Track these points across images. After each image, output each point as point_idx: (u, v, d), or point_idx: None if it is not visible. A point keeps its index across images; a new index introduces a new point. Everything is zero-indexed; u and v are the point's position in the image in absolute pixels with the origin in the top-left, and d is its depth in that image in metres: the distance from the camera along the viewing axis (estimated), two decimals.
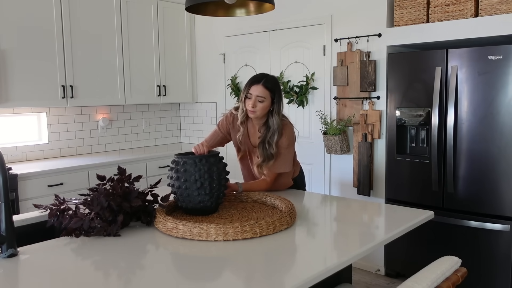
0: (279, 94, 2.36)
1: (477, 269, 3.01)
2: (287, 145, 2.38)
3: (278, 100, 2.35)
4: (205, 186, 1.90)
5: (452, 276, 1.37)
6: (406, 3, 3.26)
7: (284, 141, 2.36)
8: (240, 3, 2.22)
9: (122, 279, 1.36)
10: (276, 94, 2.34)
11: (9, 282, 1.36)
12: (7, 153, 3.77)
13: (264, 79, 2.33)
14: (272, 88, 2.32)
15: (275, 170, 2.38)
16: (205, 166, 1.90)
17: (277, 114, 2.35)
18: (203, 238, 1.66)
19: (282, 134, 2.35)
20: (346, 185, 3.76)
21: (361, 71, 3.53)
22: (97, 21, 4.00)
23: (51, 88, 3.71)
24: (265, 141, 2.34)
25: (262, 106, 2.31)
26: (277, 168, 2.38)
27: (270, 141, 2.33)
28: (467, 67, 2.95)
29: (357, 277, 3.50)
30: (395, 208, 2.18)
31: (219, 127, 2.54)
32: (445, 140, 3.09)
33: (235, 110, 2.49)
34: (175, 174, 1.92)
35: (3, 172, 1.50)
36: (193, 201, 1.91)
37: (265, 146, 2.34)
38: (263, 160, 2.34)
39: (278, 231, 1.76)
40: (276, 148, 2.33)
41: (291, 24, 4.00)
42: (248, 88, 2.33)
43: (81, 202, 1.84)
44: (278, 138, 2.33)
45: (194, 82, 4.91)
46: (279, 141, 2.35)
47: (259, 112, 2.32)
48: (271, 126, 2.34)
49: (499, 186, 2.89)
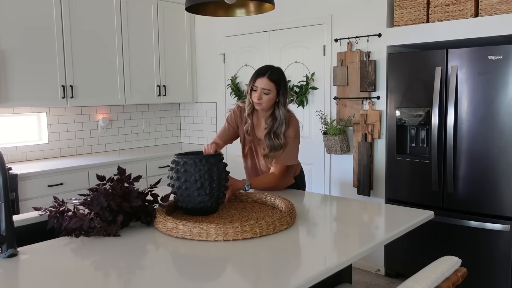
0: (285, 86, 2.37)
1: (477, 269, 3.01)
2: (294, 135, 2.39)
3: (284, 92, 2.36)
4: (205, 186, 1.89)
5: (452, 276, 1.37)
6: (406, 3, 3.26)
7: (291, 131, 2.38)
8: (240, 3, 2.22)
9: (122, 279, 1.36)
10: (282, 86, 2.35)
11: (9, 282, 1.36)
12: (7, 153, 3.77)
13: (269, 72, 2.34)
14: (277, 80, 2.33)
15: (283, 162, 2.39)
16: (205, 166, 1.90)
17: (283, 105, 2.36)
18: (203, 238, 1.66)
19: (289, 125, 2.37)
20: (346, 185, 3.76)
21: (361, 71, 3.53)
22: (97, 21, 4.00)
23: (51, 88, 3.71)
24: (271, 132, 2.36)
25: (267, 98, 2.32)
26: (285, 160, 2.39)
27: (278, 131, 2.35)
28: (467, 67, 2.95)
29: (357, 277, 3.50)
30: (395, 208, 2.18)
31: (228, 122, 2.56)
32: (445, 140, 3.09)
33: (242, 103, 2.51)
34: (175, 174, 1.92)
35: (3, 172, 1.50)
36: (193, 201, 1.91)
37: (271, 136, 2.35)
38: (270, 150, 2.35)
39: (278, 231, 1.76)
40: (284, 139, 2.35)
41: (291, 24, 4.00)
42: (253, 81, 2.35)
43: (80, 203, 1.84)
44: (285, 128, 2.35)
45: (194, 82, 4.91)
46: (287, 132, 2.36)
47: (265, 104, 2.34)
48: (278, 117, 2.36)
49: (499, 186, 2.89)
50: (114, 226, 1.72)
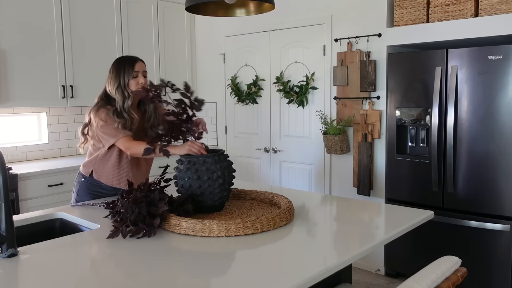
0: None
1: (477, 269, 3.01)
2: None
3: None
4: (226, 181, 1.97)
5: (452, 276, 1.37)
6: (406, 3, 3.26)
7: None
8: (240, 3, 2.22)
9: (123, 277, 1.36)
10: None
11: (9, 282, 1.36)
12: (7, 153, 3.77)
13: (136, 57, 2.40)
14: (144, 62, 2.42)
15: None
16: (224, 162, 1.97)
17: None
18: (206, 234, 1.71)
19: None
20: (346, 185, 3.77)
21: (361, 71, 3.53)
22: (97, 21, 4.00)
23: (51, 88, 3.71)
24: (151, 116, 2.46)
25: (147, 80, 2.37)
26: None
27: None
28: (467, 67, 2.95)
29: (357, 277, 3.50)
30: (395, 208, 2.18)
31: None
32: (445, 140, 3.09)
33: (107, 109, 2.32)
34: (193, 174, 1.93)
35: (3, 172, 1.50)
36: (213, 198, 1.96)
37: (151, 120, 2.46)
38: None
39: (278, 227, 1.81)
40: None
41: (291, 24, 4.00)
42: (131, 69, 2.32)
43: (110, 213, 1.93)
44: None
45: (194, 82, 4.91)
46: None
47: None
48: None
49: (499, 186, 2.89)
50: (153, 229, 1.76)
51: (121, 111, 2.30)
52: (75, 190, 2.48)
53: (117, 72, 2.33)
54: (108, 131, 2.27)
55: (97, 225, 1.92)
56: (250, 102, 4.37)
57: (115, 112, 2.30)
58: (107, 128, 2.27)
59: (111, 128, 2.27)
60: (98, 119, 2.29)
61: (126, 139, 2.26)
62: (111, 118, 2.28)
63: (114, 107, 2.31)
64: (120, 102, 2.31)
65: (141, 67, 2.36)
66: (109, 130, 2.27)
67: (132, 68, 2.32)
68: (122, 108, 2.31)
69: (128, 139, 2.27)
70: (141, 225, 1.73)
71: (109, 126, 2.27)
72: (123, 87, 2.32)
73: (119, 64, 2.35)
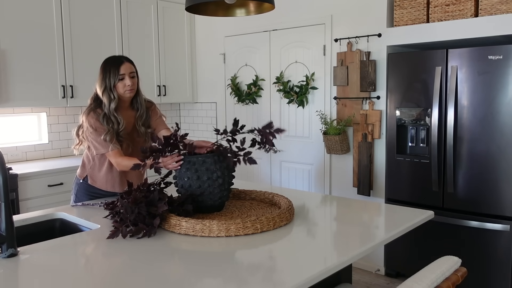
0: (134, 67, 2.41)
1: (477, 269, 3.01)
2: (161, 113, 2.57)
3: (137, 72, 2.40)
4: (225, 181, 1.97)
5: (452, 276, 1.37)
6: (406, 3, 3.26)
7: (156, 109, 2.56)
8: (240, 3, 2.22)
9: (123, 276, 1.36)
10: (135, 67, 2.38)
11: (9, 282, 1.36)
12: (7, 153, 3.77)
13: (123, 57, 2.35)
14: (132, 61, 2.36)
15: None
16: (223, 162, 1.97)
17: None
18: (206, 234, 1.71)
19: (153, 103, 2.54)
20: (346, 185, 3.76)
21: (361, 71, 3.53)
22: (97, 21, 4.00)
23: (51, 88, 3.71)
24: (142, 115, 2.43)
25: (135, 81, 2.34)
26: None
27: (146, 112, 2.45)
28: (467, 67, 2.95)
29: (357, 277, 3.50)
30: (395, 208, 2.18)
31: None
32: (445, 140, 3.09)
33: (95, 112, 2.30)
34: (193, 174, 1.93)
35: (3, 172, 1.50)
36: (213, 198, 1.96)
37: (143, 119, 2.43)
38: None
39: (278, 227, 1.81)
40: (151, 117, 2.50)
41: (291, 24, 4.00)
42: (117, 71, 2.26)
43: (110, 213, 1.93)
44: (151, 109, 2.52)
45: (194, 82, 4.91)
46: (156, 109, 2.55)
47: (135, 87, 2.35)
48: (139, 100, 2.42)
49: (499, 186, 2.89)
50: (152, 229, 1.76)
51: (109, 114, 2.28)
52: (73, 191, 2.48)
53: (103, 75, 2.28)
54: (97, 141, 2.25)
55: (97, 225, 1.92)
56: (250, 102, 4.37)
57: (104, 117, 2.26)
58: (96, 137, 2.25)
59: (100, 140, 2.24)
60: (88, 125, 2.27)
61: (114, 154, 2.24)
62: (101, 125, 2.25)
63: (103, 111, 2.28)
64: (107, 105, 2.28)
65: (127, 69, 2.29)
66: (98, 140, 2.25)
67: (118, 71, 2.27)
68: (109, 111, 2.27)
69: (116, 153, 2.25)
70: (141, 225, 1.73)
71: (98, 136, 2.24)
72: (109, 90, 2.27)
73: (105, 66, 2.31)
